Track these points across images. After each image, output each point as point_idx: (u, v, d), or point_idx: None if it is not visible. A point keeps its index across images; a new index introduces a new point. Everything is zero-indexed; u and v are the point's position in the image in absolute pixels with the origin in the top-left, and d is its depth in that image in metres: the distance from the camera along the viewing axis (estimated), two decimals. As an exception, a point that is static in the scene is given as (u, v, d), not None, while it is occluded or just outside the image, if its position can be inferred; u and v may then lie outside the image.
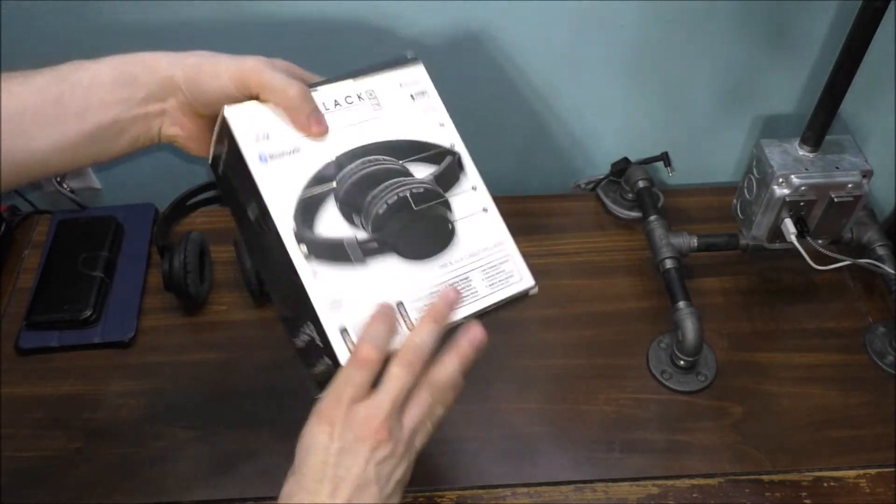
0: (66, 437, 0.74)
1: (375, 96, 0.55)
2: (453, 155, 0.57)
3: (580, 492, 0.70)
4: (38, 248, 0.89)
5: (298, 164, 0.52)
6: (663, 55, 0.85)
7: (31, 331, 0.81)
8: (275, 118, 0.52)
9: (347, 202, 0.53)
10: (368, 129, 0.55)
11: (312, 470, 0.46)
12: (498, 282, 0.57)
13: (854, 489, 0.71)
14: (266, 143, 0.51)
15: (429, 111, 0.57)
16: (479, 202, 0.58)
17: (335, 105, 0.54)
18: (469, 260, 0.56)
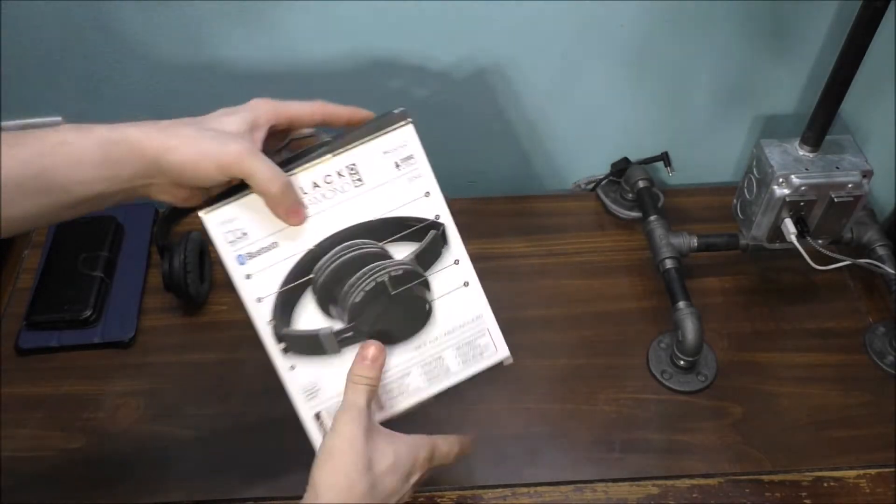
0: (66, 437, 0.74)
1: (357, 170, 0.52)
2: (437, 228, 0.55)
3: (580, 492, 0.70)
4: (38, 248, 0.89)
5: (277, 259, 0.51)
6: (663, 55, 0.85)
7: (31, 331, 0.81)
8: (251, 214, 0.50)
9: (324, 293, 0.52)
10: (349, 210, 0.52)
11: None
12: (471, 357, 0.58)
13: (854, 489, 0.71)
14: (243, 242, 0.50)
15: (414, 179, 0.54)
16: (460, 276, 0.56)
17: (313, 187, 0.51)
18: (444, 338, 0.56)
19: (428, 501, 0.70)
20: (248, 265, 0.50)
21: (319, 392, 0.53)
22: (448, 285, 0.55)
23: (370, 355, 0.53)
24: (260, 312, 0.51)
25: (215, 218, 0.50)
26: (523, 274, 0.87)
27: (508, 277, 0.87)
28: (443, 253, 0.55)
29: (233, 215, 0.50)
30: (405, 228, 0.53)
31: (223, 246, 0.50)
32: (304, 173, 0.51)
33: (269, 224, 0.50)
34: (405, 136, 0.53)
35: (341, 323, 0.53)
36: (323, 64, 0.83)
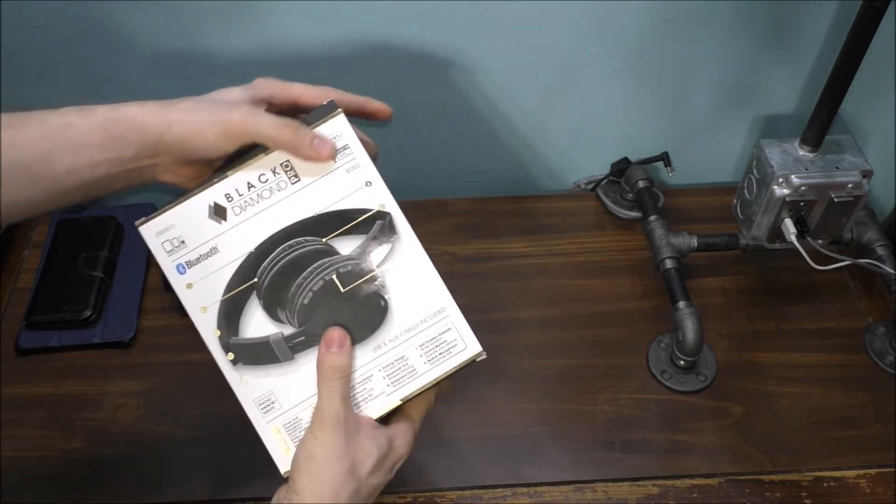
0: (66, 437, 0.74)
1: (291, 167, 0.50)
2: (383, 218, 0.52)
3: (580, 492, 0.70)
4: (38, 248, 0.89)
5: (217, 266, 0.50)
6: (663, 55, 0.85)
7: (31, 331, 0.81)
8: (188, 221, 0.49)
9: (270, 297, 0.50)
10: (288, 208, 0.50)
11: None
12: (438, 355, 0.53)
13: (854, 489, 0.71)
14: (182, 250, 0.49)
15: (353, 170, 0.51)
16: (413, 267, 0.53)
17: (248, 188, 0.50)
18: (405, 336, 0.53)
19: (428, 501, 0.70)
20: (189, 274, 0.49)
21: (275, 404, 0.51)
22: (401, 277, 0.52)
23: (336, 339, 0.51)
24: (205, 323, 0.50)
25: (151, 228, 0.49)
26: (523, 274, 0.87)
27: (508, 277, 0.87)
28: (393, 244, 0.52)
29: (169, 223, 0.49)
30: (348, 221, 0.51)
31: (161, 256, 0.49)
32: (238, 174, 0.50)
33: (207, 230, 0.49)
34: (338, 127, 0.51)
35: (292, 328, 0.51)
36: (319, 68, 0.83)
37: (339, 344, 0.51)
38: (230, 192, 0.50)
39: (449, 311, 0.54)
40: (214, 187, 0.50)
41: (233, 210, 0.50)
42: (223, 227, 0.50)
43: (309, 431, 0.51)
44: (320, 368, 0.51)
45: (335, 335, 0.51)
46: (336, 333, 0.51)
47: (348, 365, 0.51)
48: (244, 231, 0.50)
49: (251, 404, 0.52)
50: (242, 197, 0.50)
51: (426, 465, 0.72)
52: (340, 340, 0.51)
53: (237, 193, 0.50)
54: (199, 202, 0.49)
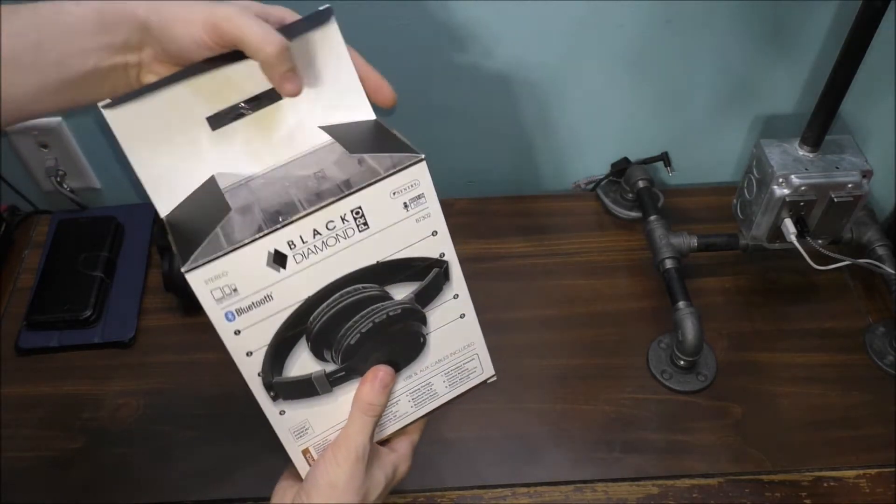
0: (66, 437, 0.74)
1: (362, 214, 0.47)
2: (440, 266, 0.51)
3: (580, 492, 0.70)
4: (38, 248, 0.89)
5: (270, 312, 0.47)
6: (663, 55, 0.85)
7: (31, 331, 0.81)
8: (242, 266, 0.45)
9: (320, 340, 0.49)
10: (351, 255, 0.48)
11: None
12: (458, 380, 0.57)
13: (854, 489, 0.71)
14: (232, 298, 0.45)
15: (422, 220, 0.50)
16: (458, 310, 0.54)
17: (314, 235, 0.46)
18: (435, 367, 0.55)
19: (428, 501, 0.70)
20: (238, 321, 0.46)
21: (308, 430, 0.52)
22: (444, 318, 0.53)
23: (384, 380, 0.52)
24: (250, 365, 0.48)
25: (201, 275, 0.44)
26: (523, 274, 0.87)
27: (508, 277, 0.87)
28: (443, 289, 0.52)
29: (221, 270, 0.44)
30: (408, 269, 0.50)
31: (209, 303, 0.45)
32: (305, 220, 0.45)
33: (264, 277, 0.46)
34: (417, 175, 0.48)
35: (334, 364, 0.51)
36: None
37: (384, 385, 0.52)
38: (293, 239, 0.45)
39: (477, 345, 0.56)
40: (277, 234, 0.45)
41: (294, 258, 0.46)
42: (281, 275, 0.46)
43: (332, 457, 0.51)
44: (360, 402, 0.52)
45: (385, 376, 0.52)
46: (385, 375, 0.52)
47: (384, 405, 0.53)
48: (303, 278, 0.47)
49: (286, 432, 0.52)
50: (306, 244, 0.46)
51: (426, 465, 0.72)
52: (387, 382, 0.52)
53: (301, 240, 0.46)
54: (257, 249, 0.44)
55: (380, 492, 0.53)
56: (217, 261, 0.44)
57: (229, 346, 0.46)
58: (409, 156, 0.48)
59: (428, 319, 0.53)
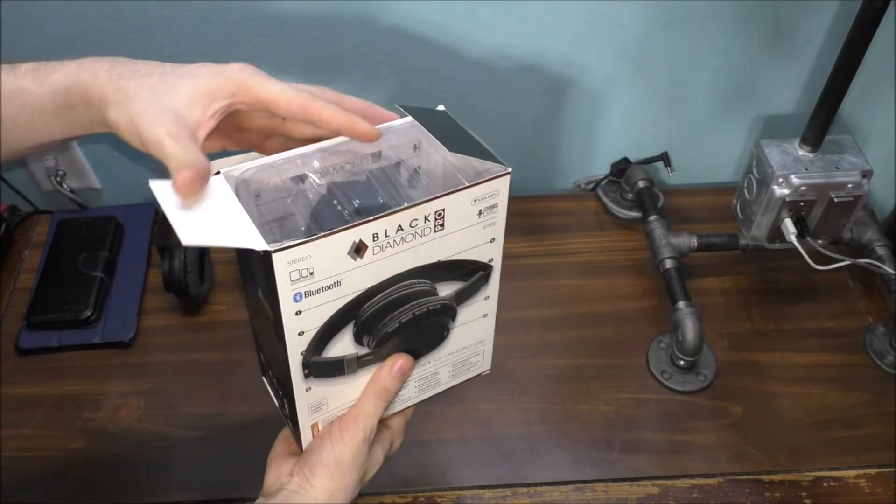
0: (66, 437, 0.74)
1: (443, 216, 0.48)
2: (486, 270, 0.54)
3: (580, 492, 0.70)
4: (38, 248, 0.89)
5: (333, 297, 0.48)
6: (663, 55, 0.85)
7: (31, 331, 0.81)
8: (326, 251, 0.45)
9: (364, 327, 0.51)
10: (420, 253, 0.49)
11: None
12: (461, 371, 0.59)
13: (854, 489, 0.71)
14: (307, 280, 0.46)
15: (488, 227, 0.51)
16: (484, 309, 0.56)
17: (397, 230, 0.47)
18: (446, 358, 0.57)
19: (428, 501, 0.70)
20: (303, 302, 0.47)
21: (324, 406, 0.53)
22: (470, 316, 0.55)
23: (404, 367, 0.53)
24: (297, 345, 0.49)
25: (286, 257, 0.44)
26: (523, 274, 0.87)
27: (508, 277, 0.86)
28: (480, 290, 0.54)
29: (306, 253, 0.45)
30: (460, 270, 0.52)
31: (284, 283, 0.45)
32: (394, 216, 0.46)
33: (341, 264, 0.47)
34: (499, 187, 0.50)
35: (367, 348, 0.52)
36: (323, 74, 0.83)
37: (402, 373, 0.53)
38: (378, 232, 0.46)
39: (486, 342, 0.58)
40: (368, 225, 0.46)
41: (373, 249, 0.47)
42: (356, 263, 0.47)
43: (340, 435, 0.52)
44: (376, 386, 0.53)
45: (405, 365, 0.53)
46: (405, 363, 0.53)
47: (398, 391, 0.54)
48: (373, 269, 0.48)
49: (305, 407, 0.52)
50: (388, 238, 0.47)
51: (426, 465, 0.72)
52: (405, 371, 0.53)
53: (384, 234, 0.47)
54: (345, 238, 0.45)
55: (378, 468, 0.56)
56: (306, 245, 0.44)
57: (287, 325, 0.47)
58: (498, 167, 0.50)
59: (457, 315, 0.55)
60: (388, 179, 0.51)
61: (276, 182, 0.49)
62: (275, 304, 0.46)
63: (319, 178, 0.50)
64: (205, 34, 0.80)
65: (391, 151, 0.52)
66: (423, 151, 0.54)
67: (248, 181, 0.48)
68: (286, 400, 0.52)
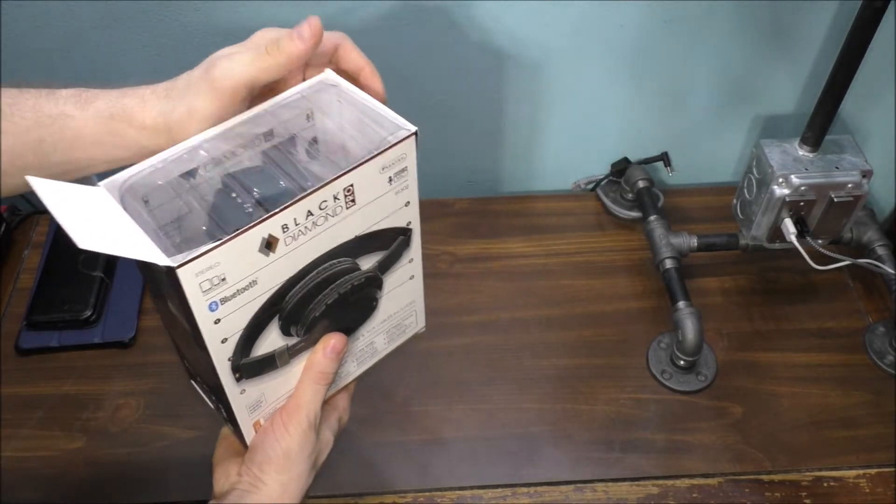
0: (66, 437, 0.74)
1: (352, 191, 0.46)
2: (406, 234, 0.52)
3: (580, 492, 0.70)
4: (38, 248, 0.89)
5: (251, 297, 0.45)
6: (663, 55, 0.85)
7: (31, 331, 0.81)
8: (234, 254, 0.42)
9: (290, 318, 0.49)
10: (335, 233, 0.47)
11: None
12: (396, 336, 0.58)
13: (854, 489, 0.71)
14: (219, 288, 0.43)
15: (401, 192, 0.49)
16: (410, 272, 0.54)
17: (307, 216, 0.45)
18: (379, 326, 0.55)
19: (428, 501, 0.70)
20: (220, 310, 0.44)
21: (263, 403, 0.51)
22: (397, 281, 0.54)
23: (337, 347, 0.51)
24: (222, 352, 0.46)
25: (192, 269, 0.41)
26: (523, 274, 0.87)
27: (508, 277, 0.87)
28: (403, 255, 0.53)
29: (213, 262, 0.42)
30: (378, 240, 0.50)
31: (195, 296, 0.42)
32: (301, 203, 0.44)
33: (252, 263, 0.44)
34: (406, 149, 0.47)
35: (297, 338, 0.50)
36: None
37: (337, 352, 0.51)
38: (287, 223, 0.44)
39: (417, 301, 0.57)
40: (275, 218, 0.43)
41: (284, 241, 0.45)
42: (269, 259, 0.44)
43: (283, 427, 0.51)
44: (312, 371, 0.51)
45: (338, 345, 0.51)
46: (338, 343, 0.51)
47: (337, 371, 0.52)
48: (288, 260, 0.46)
49: (243, 409, 0.50)
50: (298, 226, 0.45)
51: (426, 465, 0.72)
52: (339, 349, 0.52)
53: (294, 223, 0.44)
54: (253, 236, 0.43)
55: (329, 450, 0.55)
56: (211, 253, 0.41)
57: (207, 336, 0.44)
58: (402, 129, 0.47)
59: (384, 284, 0.53)
60: (284, 158, 0.49)
61: (164, 183, 0.46)
62: (189, 318, 0.43)
63: (210, 170, 0.47)
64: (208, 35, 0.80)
65: (282, 127, 0.50)
66: (316, 120, 0.51)
67: (133, 188, 0.45)
68: (221, 404, 0.50)
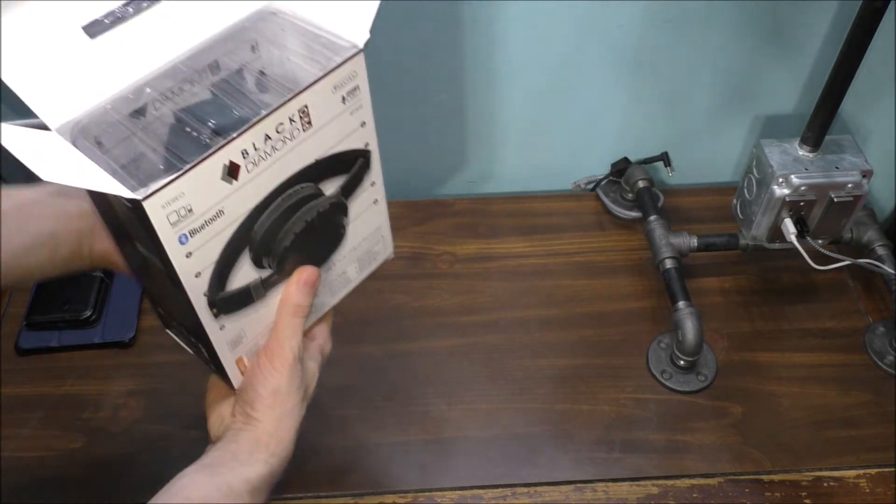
0: (66, 437, 0.74)
1: (307, 112, 0.46)
2: (365, 156, 0.52)
3: (580, 492, 0.70)
4: (38, 248, 0.89)
5: (220, 228, 0.45)
6: (663, 55, 0.85)
7: (31, 331, 0.81)
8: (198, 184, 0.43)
9: (261, 248, 0.49)
10: (295, 157, 0.47)
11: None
12: (367, 263, 0.58)
13: (854, 489, 0.71)
14: (187, 220, 0.43)
15: (356, 112, 0.50)
16: (373, 196, 0.55)
17: (265, 140, 0.45)
18: (350, 254, 0.56)
19: (428, 501, 0.70)
20: (190, 243, 0.44)
21: (243, 339, 0.52)
22: (362, 206, 0.54)
23: (310, 279, 0.52)
24: (197, 287, 0.46)
25: (158, 201, 0.41)
26: (523, 274, 0.87)
27: (508, 277, 0.87)
28: (364, 178, 0.53)
29: (178, 192, 0.42)
30: (339, 163, 0.51)
31: (164, 229, 0.42)
32: (258, 127, 0.44)
33: (217, 192, 0.44)
34: (356, 67, 0.47)
35: (270, 270, 0.50)
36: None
37: (311, 284, 0.52)
38: (247, 148, 0.44)
39: (384, 227, 0.57)
40: (234, 143, 0.43)
41: (246, 167, 0.45)
42: (233, 187, 0.44)
43: (269, 364, 0.51)
44: (288, 305, 0.51)
45: (310, 276, 0.52)
46: (310, 275, 0.52)
47: (312, 304, 0.53)
48: (252, 188, 0.46)
49: (224, 345, 0.51)
50: (258, 151, 0.45)
51: (426, 465, 0.72)
52: (313, 281, 0.52)
53: (253, 148, 0.44)
54: (214, 163, 0.43)
55: (316, 381, 0.55)
56: (174, 183, 0.41)
57: (181, 271, 0.44)
58: (349, 47, 0.47)
59: (349, 210, 0.53)
60: (234, 90, 0.49)
61: (115, 122, 0.45)
62: (162, 254, 0.43)
63: (160, 107, 0.47)
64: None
65: (228, 58, 0.49)
66: (262, 50, 0.51)
67: (85, 129, 0.44)
68: (202, 345, 0.51)
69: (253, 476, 0.50)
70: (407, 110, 0.89)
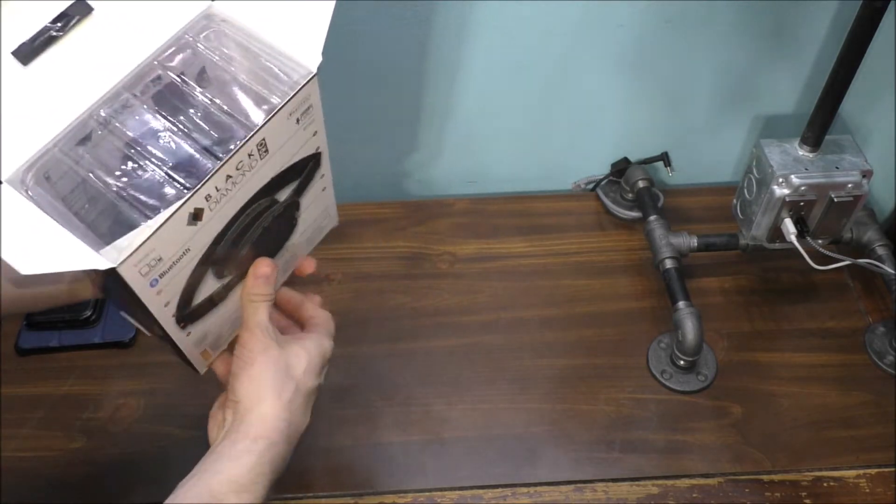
0: (66, 437, 0.74)
1: (265, 143, 0.47)
2: (316, 158, 0.53)
3: (580, 492, 0.70)
4: (38, 248, 0.89)
5: (186, 262, 0.46)
6: (663, 55, 0.85)
7: (31, 331, 0.81)
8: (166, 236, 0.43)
9: (222, 263, 0.50)
10: (253, 181, 0.48)
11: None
12: (315, 237, 0.60)
13: (854, 489, 0.71)
14: (157, 267, 0.44)
15: (309, 126, 0.50)
16: (322, 185, 0.56)
17: (227, 180, 0.45)
18: (301, 236, 0.57)
19: (428, 501, 0.70)
20: (160, 283, 0.45)
21: (208, 335, 0.53)
22: (312, 197, 0.55)
23: (265, 274, 0.53)
24: (166, 312, 0.47)
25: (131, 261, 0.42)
26: (523, 274, 0.87)
27: (508, 277, 0.87)
28: (315, 175, 0.54)
29: (149, 250, 0.43)
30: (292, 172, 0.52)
31: (137, 281, 0.43)
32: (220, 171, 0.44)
33: (183, 236, 0.45)
34: (310, 90, 0.48)
35: (230, 276, 0.52)
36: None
37: (266, 278, 0.53)
38: (210, 193, 0.45)
39: (330, 205, 0.59)
40: (198, 194, 0.44)
41: (209, 207, 0.45)
42: (197, 227, 0.45)
43: (239, 346, 0.52)
44: (247, 294, 0.53)
45: (267, 271, 0.53)
46: (267, 269, 0.53)
47: (272, 294, 0.54)
48: (215, 221, 0.47)
49: (190, 346, 0.52)
50: (220, 191, 0.45)
51: (426, 465, 0.72)
52: (268, 275, 0.53)
53: (216, 190, 0.45)
54: (181, 214, 0.44)
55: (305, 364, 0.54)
56: (144, 245, 0.42)
57: (151, 307, 0.46)
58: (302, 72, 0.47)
59: (301, 203, 0.55)
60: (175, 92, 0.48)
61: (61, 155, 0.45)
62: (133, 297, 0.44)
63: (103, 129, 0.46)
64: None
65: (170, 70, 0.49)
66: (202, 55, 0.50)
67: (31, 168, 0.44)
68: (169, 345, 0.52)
69: (238, 473, 0.49)
70: (406, 110, 0.89)
